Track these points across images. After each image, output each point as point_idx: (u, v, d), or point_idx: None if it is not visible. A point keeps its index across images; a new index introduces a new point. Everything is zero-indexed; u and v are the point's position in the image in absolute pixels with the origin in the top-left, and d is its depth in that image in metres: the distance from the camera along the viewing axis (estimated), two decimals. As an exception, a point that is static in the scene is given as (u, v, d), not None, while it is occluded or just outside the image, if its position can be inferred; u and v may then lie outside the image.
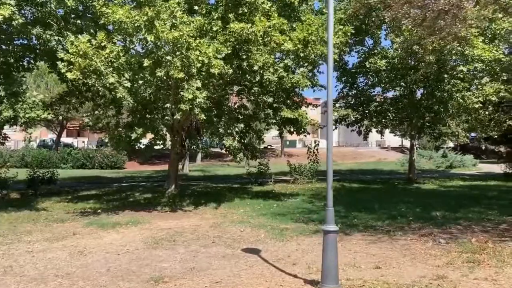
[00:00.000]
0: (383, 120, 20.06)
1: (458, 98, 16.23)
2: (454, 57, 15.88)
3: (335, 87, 22.91)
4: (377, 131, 22.19)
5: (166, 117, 13.17)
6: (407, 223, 10.06)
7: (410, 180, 20.65)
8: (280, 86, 13.13)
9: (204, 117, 11.19)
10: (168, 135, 16.22)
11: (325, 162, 5.82)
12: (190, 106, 10.83)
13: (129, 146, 12.39)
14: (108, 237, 9.02)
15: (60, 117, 40.27)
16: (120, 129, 12.69)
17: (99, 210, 12.82)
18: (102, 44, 10.69)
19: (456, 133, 18.99)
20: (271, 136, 63.21)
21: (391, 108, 19.33)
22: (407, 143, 66.22)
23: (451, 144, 50.41)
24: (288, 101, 14.40)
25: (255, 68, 12.22)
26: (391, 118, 19.69)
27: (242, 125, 13.09)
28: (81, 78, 10.52)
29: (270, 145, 60.66)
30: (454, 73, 16.68)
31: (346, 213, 11.47)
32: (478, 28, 15.02)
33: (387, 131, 23.79)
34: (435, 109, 17.81)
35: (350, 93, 21.96)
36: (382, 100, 20.12)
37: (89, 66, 10.36)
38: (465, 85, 16.73)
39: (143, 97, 12.26)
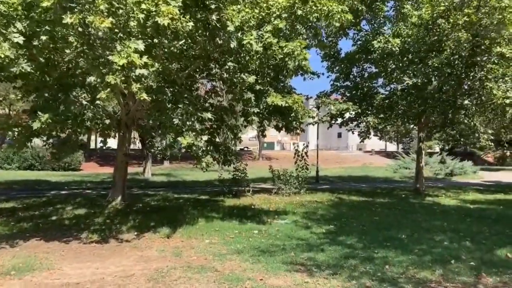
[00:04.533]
0: (391, 116, 16.13)
1: (493, 90, 12.49)
2: (493, 34, 12.12)
3: (327, 77, 19.21)
4: (376, 133, 18.33)
5: (98, 101, 8.93)
6: (476, 275, 6.14)
7: (418, 192, 16.86)
8: (266, 60, 9.10)
9: (147, 98, 6.98)
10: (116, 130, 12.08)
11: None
12: (123, 79, 6.65)
13: (29, 141, 8.05)
14: None
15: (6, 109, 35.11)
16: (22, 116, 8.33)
17: (-10, 239, 8.50)
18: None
19: (478, 134, 15.23)
20: (247, 137, 59.21)
21: (401, 102, 15.41)
22: (391, 147, 63.99)
23: (437, 149, 47.42)
24: (277, 83, 10.34)
25: (230, 28, 8.13)
26: (400, 113, 15.79)
27: (209, 115, 8.82)
28: None
29: (247, 147, 56.31)
30: (490, 56, 12.91)
31: (366, 251, 7.49)
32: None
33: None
34: (458, 103, 14.01)
35: (345, 85, 18.20)
36: (391, 91, 16.16)
37: None
38: (506, 70, 12.95)
39: (55, 65, 7.97)
